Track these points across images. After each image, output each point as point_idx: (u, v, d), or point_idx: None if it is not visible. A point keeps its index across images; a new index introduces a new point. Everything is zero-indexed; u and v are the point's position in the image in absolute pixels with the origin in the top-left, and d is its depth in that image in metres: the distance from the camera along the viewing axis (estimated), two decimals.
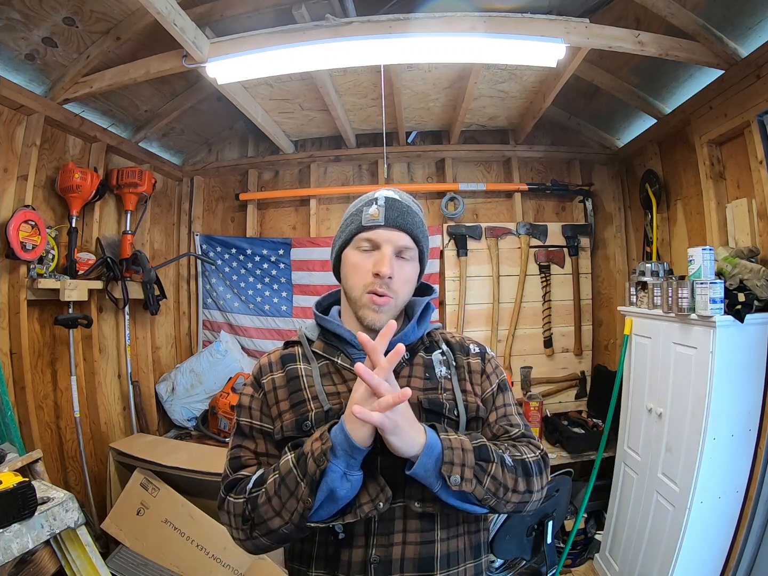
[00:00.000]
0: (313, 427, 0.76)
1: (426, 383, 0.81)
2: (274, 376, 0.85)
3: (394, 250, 0.80)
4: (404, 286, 0.81)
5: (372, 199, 0.84)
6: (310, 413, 0.78)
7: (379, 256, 0.79)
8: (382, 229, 0.80)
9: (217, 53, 1.86)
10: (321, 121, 2.78)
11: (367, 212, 0.82)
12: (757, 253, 1.76)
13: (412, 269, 0.83)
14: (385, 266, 0.77)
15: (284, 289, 2.97)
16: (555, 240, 2.85)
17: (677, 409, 1.78)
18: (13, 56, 1.87)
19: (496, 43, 1.79)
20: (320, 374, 0.82)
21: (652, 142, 2.57)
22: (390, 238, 0.80)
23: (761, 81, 1.72)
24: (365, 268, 0.80)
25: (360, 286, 0.80)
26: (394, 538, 0.73)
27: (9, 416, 1.66)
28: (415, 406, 0.77)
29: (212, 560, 1.90)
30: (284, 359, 0.86)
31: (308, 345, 0.87)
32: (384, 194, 0.84)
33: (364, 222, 0.81)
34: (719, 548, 1.68)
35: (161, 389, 2.78)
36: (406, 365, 0.83)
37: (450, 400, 0.80)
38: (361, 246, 0.81)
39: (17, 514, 1.18)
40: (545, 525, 1.97)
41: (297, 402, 0.80)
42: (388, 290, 0.78)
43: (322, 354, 0.85)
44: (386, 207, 0.81)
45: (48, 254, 2.06)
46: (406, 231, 0.81)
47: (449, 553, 0.76)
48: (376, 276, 0.78)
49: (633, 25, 1.94)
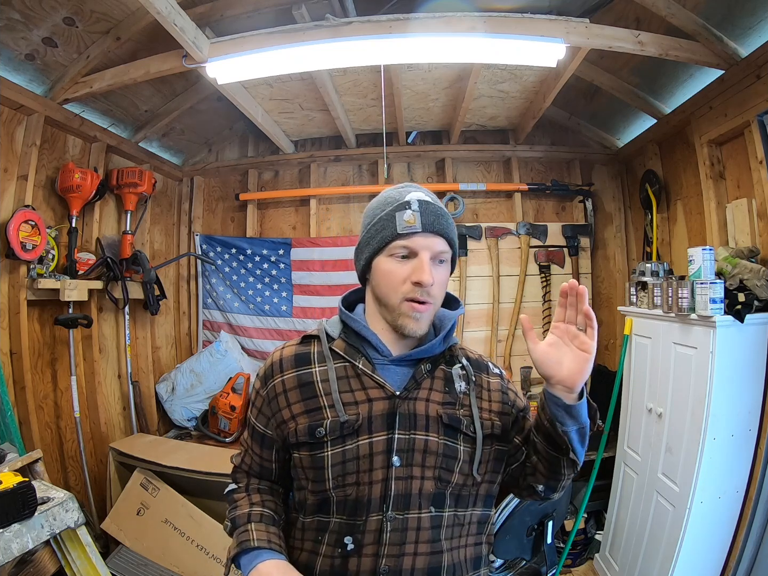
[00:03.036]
0: (327, 435, 0.76)
1: (445, 397, 0.81)
2: (285, 377, 0.83)
3: (431, 256, 0.77)
4: (442, 290, 0.81)
5: (404, 203, 0.79)
6: (326, 421, 0.77)
7: (417, 263, 0.76)
8: (419, 236, 0.77)
9: (217, 53, 1.86)
10: (321, 121, 2.78)
11: (402, 218, 0.77)
12: (757, 253, 1.76)
13: (447, 273, 0.82)
14: (426, 274, 0.75)
15: (284, 289, 2.97)
16: (555, 240, 2.85)
17: (677, 409, 1.77)
18: (13, 56, 1.87)
19: (496, 43, 1.79)
20: (337, 377, 0.80)
21: (652, 142, 2.57)
22: (428, 244, 0.77)
23: (761, 81, 1.72)
24: (402, 276, 0.77)
25: (397, 294, 0.77)
26: (405, 549, 0.73)
27: (9, 416, 1.66)
28: (434, 419, 0.78)
29: (212, 560, 1.90)
30: (298, 359, 0.84)
31: (327, 342, 0.84)
32: (416, 197, 0.80)
33: (400, 229, 0.77)
34: (719, 548, 1.68)
35: (161, 389, 2.78)
36: (428, 377, 0.82)
37: (467, 416, 0.80)
38: (397, 253, 0.78)
39: (17, 514, 1.18)
40: (545, 525, 1.96)
41: (312, 408, 0.79)
42: (429, 297, 0.77)
43: (342, 354, 0.82)
44: (421, 212, 0.77)
45: (48, 254, 2.06)
46: (442, 236, 0.79)
47: (454, 563, 0.77)
48: (417, 284, 0.75)
49: (633, 25, 1.94)
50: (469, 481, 0.79)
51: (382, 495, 0.74)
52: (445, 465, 0.77)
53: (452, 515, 0.78)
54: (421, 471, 0.75)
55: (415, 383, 0.80)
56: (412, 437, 0.76)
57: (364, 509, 0.74)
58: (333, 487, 0.75)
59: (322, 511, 0.77)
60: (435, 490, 0.76)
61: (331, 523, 0.76)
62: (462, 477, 0.78)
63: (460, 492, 0.78)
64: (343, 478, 0.75)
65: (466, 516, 0.80)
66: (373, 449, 0.75)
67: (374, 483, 0.74)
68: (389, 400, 0.77)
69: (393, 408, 0.77)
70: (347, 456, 0.75)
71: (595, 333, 0.70)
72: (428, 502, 0.75)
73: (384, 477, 0.74)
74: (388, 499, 0.74)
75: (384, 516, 0.73)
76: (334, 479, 0.75)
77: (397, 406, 0.77)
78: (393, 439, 0.75)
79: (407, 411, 0.77)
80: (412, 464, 0.75)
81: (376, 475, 0.74)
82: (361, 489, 0.74)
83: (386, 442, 0.75)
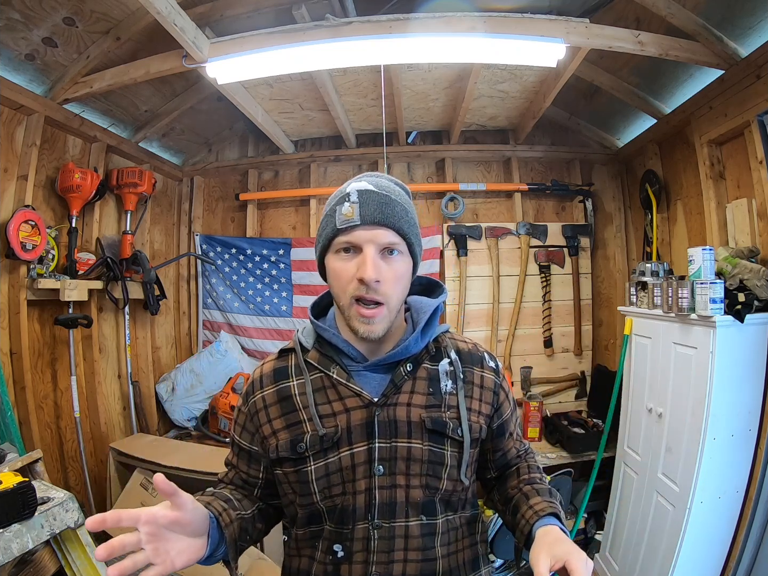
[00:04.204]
0: (308, 449, 0.73)
1: (429, 399, 0.76)
2: (265, 393, 0.80)
3: (377, 250, 0.70)
4: (396, 285, 0.72)
5: (344, 195, 0.72)
6: (306, 435, 0.74)
7: (361, 259, 0.70)
8: (359, 230, 0.70)
9: (217, 53, 1.86)
10: (321, 121, 2.78)
11: (340, 212, 0.71)
12: (757, 253, 1.76)
13: (403, 264, 0.74)
14: (369, 270, 0.68)
15: (284, 289, 2.97)
16: (555, 240, 2.85)
17: (677, 409, 1.77)
18: (13, 56, 1.87)
19: (496, 43, 1.79)
20: (314, 389, 0.76)
21: (652, 142, 2.57)
22: (370, 237, 0.70)
23: (761, 81, 1.72)
24: (349, 274, 0.71)
25: (346, 294, 0.71)
26: (394, 556, 0.72)
27: (9, 416, 1.66)
28: (417, 425, 0.74)
29: None
30: (276, 374, 0.81)
31: (302, 354, 0.80)
32: (356, 187, 0.72)
33: (339, 224, 0.71)
34: (719, 548, 1.68)
35: (161, 389, 2.78)
36: (409, 378, 0.76)
37: (454, 419, 0.76)
38: (341, 250, 0.72)
39: (17, 514, 1.18)
40: None
41: (293, 422, 0.76)
42: (377, 294, 0.70)
43: (316, 365, 0.78)
44: (360, 203, 0.70)
45: (48, 254, 2.06)
46: (387, 226, 0.71)
47: (450, 568, 0.75)
48: (361, 282, 0.69)
49: (633, 25, 1.94)
50: (459, 486, 0.77)
51: (366, 504, 0.72)
52: (431, 472, 0.74)
53: (444, 521, 0.76)
54: (406, 479, 0.73)
55: (394, 387, 0.75)
56: (393, 445, 0.73)
57: (350, 518, 0.73)
58: (321, 499, 0.74)
59: (313, 522, 0.76)
60: (423, 498, 0.74)
61: (324, 531, 0.75)
62: (451, 483, 0.75)
63: (450, 497, 0.76)
64: (329, 489, 0.73)
65: (456, 519, 0.78)
66: (354, 460, 0.73)
67: (358, 493, 0.73)
68: (367, 408, 0.74)
69: (371, 416, 0.73)
70: (330, 469, 0.73)
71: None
72: (417, 511, 0.73)
73: (367, 486, 0.72)
74: (372, 508, 0.72)
75: (370, 524, 0.72)
76: (321, 492, 0.73)
77: (375, 413, 0.73)
78: (374, 448, 0.73)
79: (386, 418, 0.73)
80: (395, 473, 0.73)
81: (360, 485, 0.73)
82: (347, 498, 0.73)
83: (367, 452, 0.73)
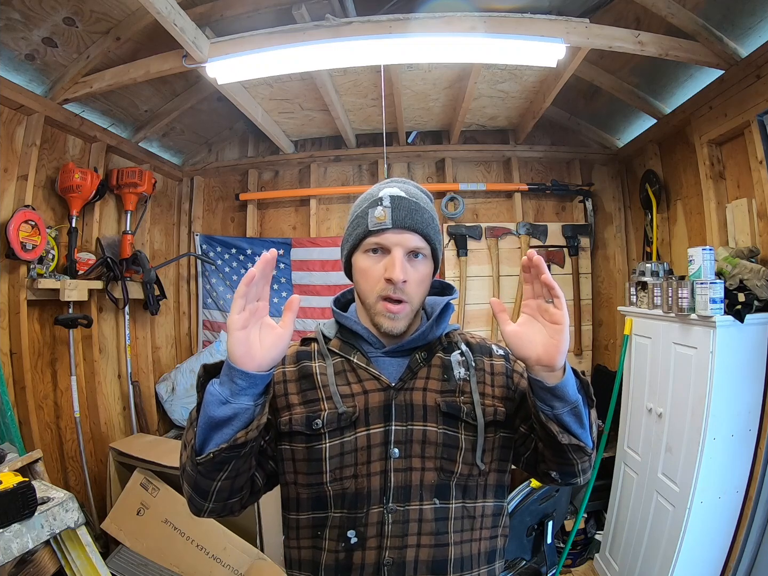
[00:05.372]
0: (324, 426, 0.76)
1: (444, 385, 0.80)
2: (286, 369, 0.83)
3: (404, 252, 0.76)
4: (419, 287, 0.78)
5: (376, 199, 0.79)
6: (323, 413, 0.77)
7: (389, 260, 0.75)
8: (389, 233, 0.76)
9: (217, 53, 1.86)
10: (321, 121, 2.78)
11: (373, 215, 0.77)
12: (757, 253, 1.76)
13: (426, 268, 0.80)
14: (397, 271, 0.73)
15: (284, 289, 2.97)
16: (555, 240, 2.85)
17: (677, 409, 1.77)
18: (13, 56, 1.87)
19: (496, 43, 1.79)
20: (334, 372, 0.80)
21: (652, 142, 2.57)
22: (399, 240, 0.76)
23: (761, 81, 1.72)
24: (377, 273, 0.76)
25: (373, 292, 0.77)
26: (408, 540, 0.73)
27: (9, 416, 1.66)
28: (432, 409, 0.77)
29: (212, 560, 1.90)
30: (299, 355, 0.85)
31: (324, 342, 0.85)
32: (388, 193, 0.79)
33: (371, 226, 0.77)
34: (719, 548, 1.68)
35: (161, 389, 2.78)
36: (424, 365, 0.81)
37: (467, 404, 0.79)
38: (370, 250, 0.78)
39: (17, 514, 1.18)
40: (545, 525, 1.96)
41: (310, 399, 0.79)
42: (403, 294, 0.75)
43: (338, 352, 0.83)
44: (392, 207, 0.77)
45: (48, 254, 2.06)
46: (416, 231, 0.77)
47: (463, 557, 0.76)
48: (389, 282, 0.74)
49: (633, 25, 1.94)
50: (474, 470, 0.77)
51: (381, 487, 0.74)
52: (446, 455, 0.76)
53: (460, 507, 0.77)
54: (421, 462, 0.75)
55: (411, 373, 0.80)
56: (409, 428, 0.76)
57: (365, 501, 0.74)
58: (330, 480, 0.75)
59: (318, 507, 0.76)
60: (438, 481, 0.75)
61: (330, 519, 0.75)
62: (466, 467, 0.77)
63: (466, 483, 0.77)
64: (341, 471, 0.75)
65: (476, 508, 0.78)
66: (370, 441, 0.75)
67: (372, 475, 0.74)
68: (385, 392, 0.78)
69: (389, 399, 0.77)
70: (345, 448, 0.75)
71: (563, 301, 0.66)
72: (431, 494, 0.75)
73: (382, 469, 0.74)
74: (387, 491, 0.74)
75: (385, 508, 0.73)
76: (332, 472, 0.75)
77: (392, 397, 0.77)
78: (390, 430, 0.75)
79: (403, 402, 0.77)
80: (411, 455, 0.75)
81: (375, 467, 0.74)
82: (360, 481, 0.74)
83: (383, 434, 0.75)
